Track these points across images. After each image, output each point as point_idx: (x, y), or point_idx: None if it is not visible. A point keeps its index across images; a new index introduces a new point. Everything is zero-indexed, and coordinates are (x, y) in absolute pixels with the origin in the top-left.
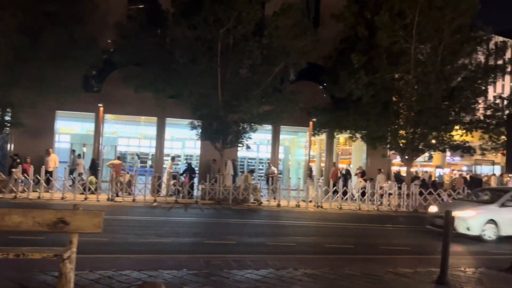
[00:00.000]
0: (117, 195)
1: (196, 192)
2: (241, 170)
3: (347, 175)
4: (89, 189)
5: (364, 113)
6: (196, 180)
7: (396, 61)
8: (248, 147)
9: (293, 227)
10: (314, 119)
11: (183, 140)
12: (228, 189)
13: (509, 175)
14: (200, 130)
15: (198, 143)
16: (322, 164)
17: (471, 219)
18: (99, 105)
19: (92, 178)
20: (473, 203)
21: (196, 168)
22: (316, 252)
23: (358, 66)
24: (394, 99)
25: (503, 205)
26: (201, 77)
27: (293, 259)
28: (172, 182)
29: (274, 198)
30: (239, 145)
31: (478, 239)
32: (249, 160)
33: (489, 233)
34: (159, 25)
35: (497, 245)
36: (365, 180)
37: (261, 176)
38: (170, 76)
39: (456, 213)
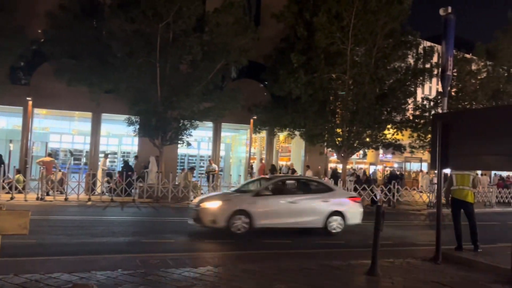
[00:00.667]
0: (48, 194)
1: (134, 190)
2: (181, 167)
3: (273, 171)
4: (16, 188)
5: (302, 112)
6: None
7: (333, 61)
8: (188, 144)
9: None
10: (255, 117)
11: (120, 137)
12: (167, 187)
13: (435, 171)
14: (137, 126)
15: (136, 139)
16: (263, 161)
17: (216, 210)
18: (27, 98)
19: (19, 176)
20: (231, 194)
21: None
22: (254, 248)
23: (297, 66)
24: (331, 98)
25: (258, 194)
26: (139, 71)
27: (232, 256)
28: (105, 179)
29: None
30: (179, 142)
31: (227, 231)
32: (190, 158)
33: (239, 225)
34: (95, 17)
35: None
36: None
37: (202, 174)
38: (106, 69)
39: (203, 204)
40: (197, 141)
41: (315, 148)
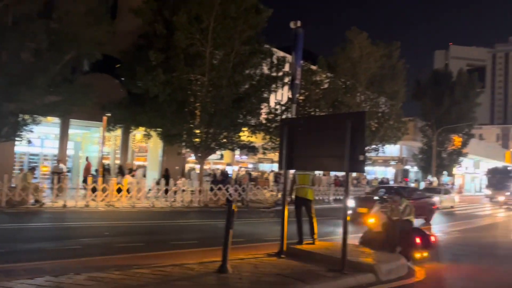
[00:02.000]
0: None
1: None
2: (21, 167)
3: (106, 172)
4: None
5: (160, 111)
6: None
7: (193, 63)
8: (29, 142)
9: (80, 228)
10: (109, 114)
11: None
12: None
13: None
14: None
15: None
16: (117, 162)
17: None
18: None
19: None
20: None
21: None
22: (104, 253)
23: (155, 64)
24: (190, 99)
25: None
26: None
27: (77, 263)
28: None
29: (57, 197)
30: (17, 138)
31: None
32: (31, 157)
33: None
34: None
35: None
36: (133, 177)
37: (46, 175)
38: None
39: None
40: (41, 138)
41: (173, 148)
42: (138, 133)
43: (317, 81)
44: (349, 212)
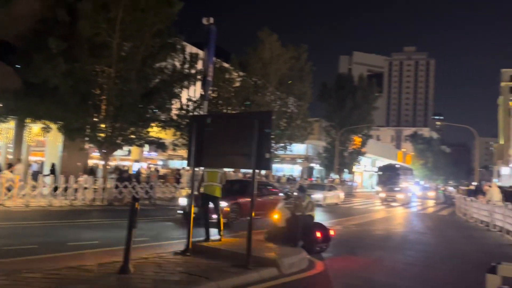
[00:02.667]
0: None
1: None
2: None
3: None
4: None
5: (61, 103)
6: None
7: (99, 53)
8: None
9: None
10: (1, 104)
11: None
12: None
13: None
14: None
15: None
16: (10, 156)
17: None
18: None
19: None
20: None
21: None
22: None
23: (56, 52)
24: (94, 91)
25: None
26: None
27: None
28: None
29: None
30: None
31: None
32: None
33: None
34: None
35: None
36: (12, 172)
37: None
38: None
39: None
40: None
41: (75, 143)
42: (35, 126)
43: (229, 79)
44: None
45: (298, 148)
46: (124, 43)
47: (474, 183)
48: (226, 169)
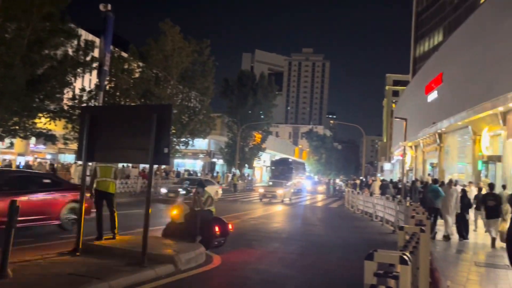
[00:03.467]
0: None
1: None
2: None
3: None
4: None
5: None
6: None
7: None
8: None
9: None
10: None
11: None
12: None
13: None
14: None
15: None
16: None
17: None
18: None
19: None
20: None
21: None
22: None
23: None
24: None
25: None
26: None
27: None
28: None
29: None
30: None
31: None
32: None
33: None
34: None
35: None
36: None
37: None
38: None
39: None
40: None
41: None
42: None
43: (128, 69)
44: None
45: (201, 143)
46: (8, 23)
47: (361, 178)
48: (126, 164)
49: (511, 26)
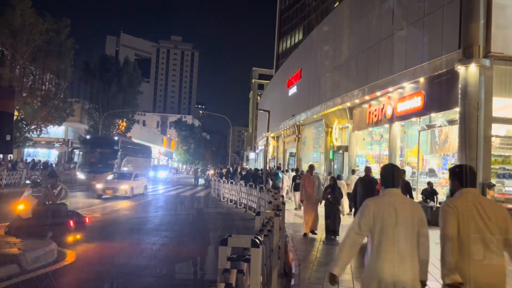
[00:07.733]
0: None
1: None
2: None
3: None
4: None
5: None
6: None
7: None
8: None
9: None
10: None
11: None
12: None
13: None
14: None
15: None
16: None
17: None
18: None
19: None
20: None
21: None
22: None
23: None
24: None
25: None
26: None
27: None
28: None
29: None
30: None
31: None
32: None
33: None
34: None
35: None
36: None
37: None
38: None
39: None
40: None
41: None
42: None
43: None
44: None
45: (57, 131)
46: None
47: (228, 167)
48: None
49: (359, 29)
